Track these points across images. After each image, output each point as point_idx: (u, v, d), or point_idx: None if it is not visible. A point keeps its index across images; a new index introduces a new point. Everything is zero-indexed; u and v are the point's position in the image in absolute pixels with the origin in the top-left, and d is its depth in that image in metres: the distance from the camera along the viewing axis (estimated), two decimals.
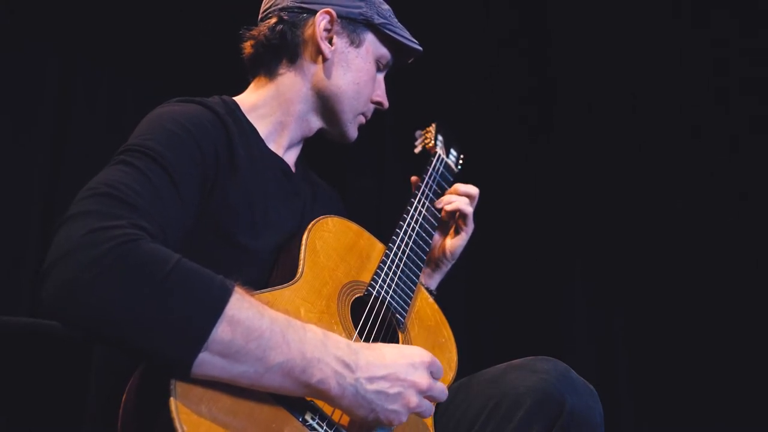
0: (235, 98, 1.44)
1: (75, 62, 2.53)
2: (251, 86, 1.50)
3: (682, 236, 2.62)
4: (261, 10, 1.51)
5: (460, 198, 1.60)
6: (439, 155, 1.70)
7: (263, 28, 1.46)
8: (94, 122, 2.53)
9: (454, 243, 1.62)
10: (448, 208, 1.59)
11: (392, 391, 1.04)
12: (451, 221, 1.63)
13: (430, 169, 1.65)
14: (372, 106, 1.55)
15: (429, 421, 1.24)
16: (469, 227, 1.61)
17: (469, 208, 1.59)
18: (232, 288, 0.98)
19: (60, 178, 2.43)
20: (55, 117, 2.46)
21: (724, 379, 2.46)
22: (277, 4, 1.46)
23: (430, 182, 1.62)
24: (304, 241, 1.28)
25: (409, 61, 1.60)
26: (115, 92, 2.59)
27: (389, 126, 2.68)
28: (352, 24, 1.46)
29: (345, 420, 1.08)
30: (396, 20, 1.54)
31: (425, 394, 1.08)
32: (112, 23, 2.58)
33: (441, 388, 1.11)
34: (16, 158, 2.39)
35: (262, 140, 1.41)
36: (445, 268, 1.65)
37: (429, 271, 1.64)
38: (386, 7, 1.53)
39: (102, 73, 2.58)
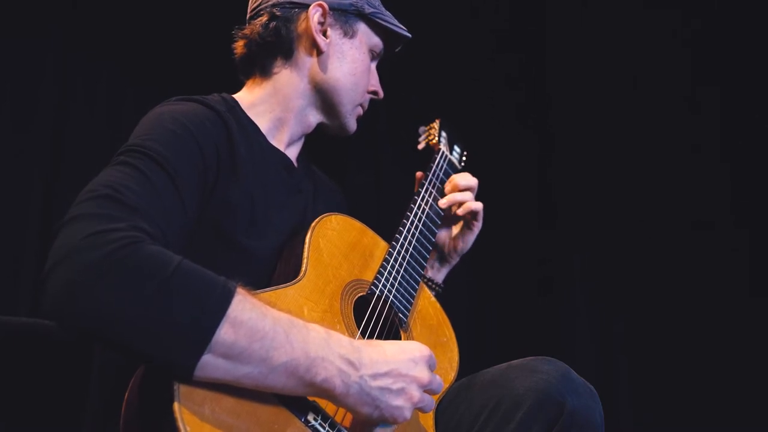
0: (234, 96, 1.44)
1: (74, 60, 2.52)
2: (247, 86, 1.49)
3: (682, 238, 2.62)
4: (249, 9, 1.49)
5: (465, 194, 1.59)
6: (443, 152, 1.70)
7: (256, 26, 1.44)
8: (93, 121, 2.53)
9: (464, 239, 1.62)
10: (460, 212, 1.58)
11: (395, 387, 1.04)
12: (459, 216, 1.63)
13: (434, 166, 1.64)
14: (368, 97, 1.54)
15: (430, 422, 1.24)
16: (480, 222, 1.61)
17: (480, 205, 1.59)
18: (234, 289, 0.97)
19: (60, 177, 2.43)
20: (54, 116, 2.46)
21: (723, 380, 2.46)
22: (267, 1, 1.44)
23: (434, 179, 1.62)
24: (307, 240, 1.28)
25: (397, 49, 1.59)
26: (115, 91, 2.59)
27: (387, 122, 2.68)
28: (344, 15, 1.46)
29: (347, 420, 1.08)
30: (384, 8, 1.53)
31: (426, 388, 1.08)
32: (112, 21, 2.58)
33: (439, 381, 1.11)
34: (15, 158, 2.38)
35: (263, 136, 1.40)
36: (454, 262, 1.65)
37: (437, 265, 1.65)
38: None
39: (101, 71, 2.58)
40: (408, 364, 1.06)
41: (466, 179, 1.61)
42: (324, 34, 1.44)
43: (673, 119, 2.69)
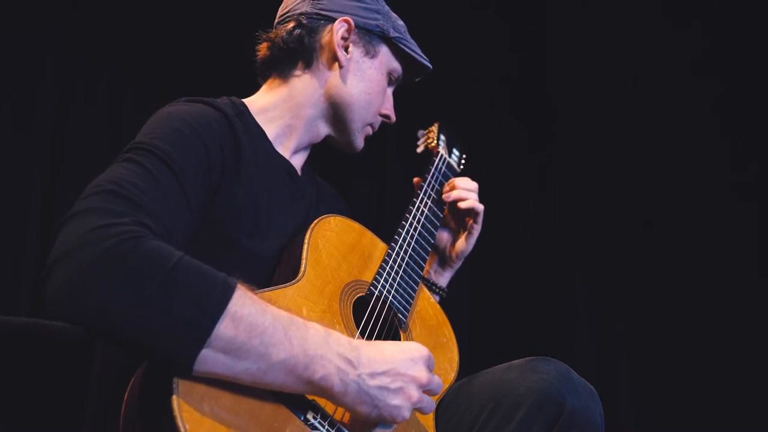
0: (245, 100, 1.45)
1: (74, 60, 2.52)
2: (263, 88, 1.50)
3: (682, 238, 2.62)
4: (278, 14, 1.51)
5: (471, 194, 1.60)
6: (442, 155, 1.71)
7: (281, 31, 1.46)
8: (93, 121, 2.53)
9: (464, 242, 1.62)
10: (463, 205, 1.59)
11: (394, 386, 1.04)
12: (459, 219, 1.63)
13: (433, 169, 1.65)
14: (380, 119, 1.56)
15: (430, 422, 1.24)
16: (480, 225, 1.62)
17: (481, 207, 1.60)
18: (235, 285, 0.97)
19: (60, 177, 2.43)
20: (54, 116, 2.46)
21: (723, 380, 2.46)
22: (296, 9, 1.47)
23: (433, 182, 1.62)
24: (306, 240, 1.28)
25: (417, 79, 1.62)
26: (115, 91, 2.59)
27: (392, 128, 2.68)
28: (369, 35, 1.48)
29: (347, 419, 1.08)
30: (409, 36, 1.55)
31: (424, 388, 1.08)
32: (112, 21, 2.58)
33: (438, 381, 1.11)
34: (15, 158, 2.39)
35: (269, 142, 1.41)
36: (456, 265, 1.66)
37: (440, 269, 1.65)
38: (401, 23, 1.56)
39: (101, 71, 2.58)
40: (406, 364, 1.07)
41: (466, 182, 1.62)
42: (346, 49, 1.46)
43: (674, 119, 2.69)
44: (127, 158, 1.12)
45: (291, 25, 1.45)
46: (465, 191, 1.60)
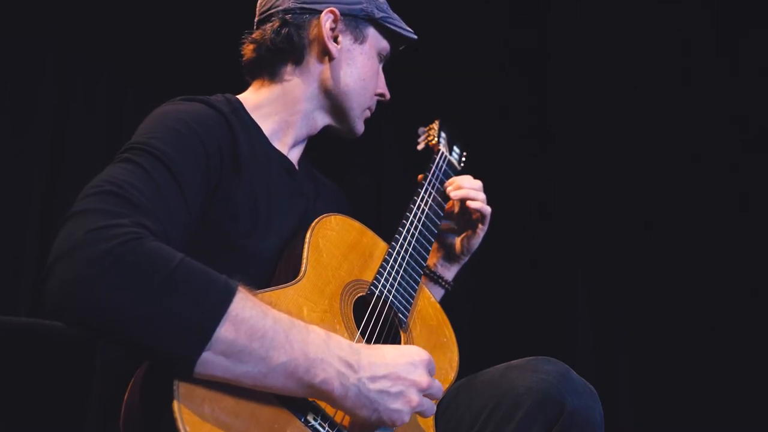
0: (239, 96, 1.44)
1: (74, 60, 2.52)
2: (252, 87, 1.48)
3: (683, 239, 2.62)
4: (258, 11, 1.48)
5: (479, 194, 1.59)
6: (443, 153, 1.70)
7: (266, 31, 1.43)
8: (93, 121, 2.53)
9: (472, 240, 1.62)
10: (472, 205, 1.58)
11: (394, 390, 1.04)
12: (466, 216, 1.63)
13: (434, 167, 1.64)
14: (376, 99, 1.55)
15: (430, 422, 1.24)
16: (486, 226, 1.62)
17: (489, 209, 1.60)
18: (236, 287, 0.97)
19: (60, 177, 2.43)
20: (54, 116, 2.46)
21: (723, 380, 2.47)
22: (277, 6, 1.44)
23: (434, 180, 1.62)
24: (307, 240, 1.28)
25: (401, 48, 1.60)
26: (115, 91, 2.59)
27: (389, 123, 2.68)
28: (355, 20, 1.47)
29: (347, 421, 1.08)
30: (392, 11, 1.54)
31: (425, 392, 1.08)
32: (112, 21, 2.58)
33: (438, 386, 1.11)
34: (15, 158, 2.39)
35: (266, 138, 1.40)
36: (464, 261, 1.66)
37: (447, 264, 1.65)
38: (382, 0, 1.54)
39: (101, 71, 2.58)
40: (407, 368, 1.06)
41: (471, 181, 1.62)
42: (335, 40, 1.45)
43: (675, 119, 2.69)
44: (124, 158, 1.11)
45: (276, 24, 1.42)
46: (473, 191, 1.59)
